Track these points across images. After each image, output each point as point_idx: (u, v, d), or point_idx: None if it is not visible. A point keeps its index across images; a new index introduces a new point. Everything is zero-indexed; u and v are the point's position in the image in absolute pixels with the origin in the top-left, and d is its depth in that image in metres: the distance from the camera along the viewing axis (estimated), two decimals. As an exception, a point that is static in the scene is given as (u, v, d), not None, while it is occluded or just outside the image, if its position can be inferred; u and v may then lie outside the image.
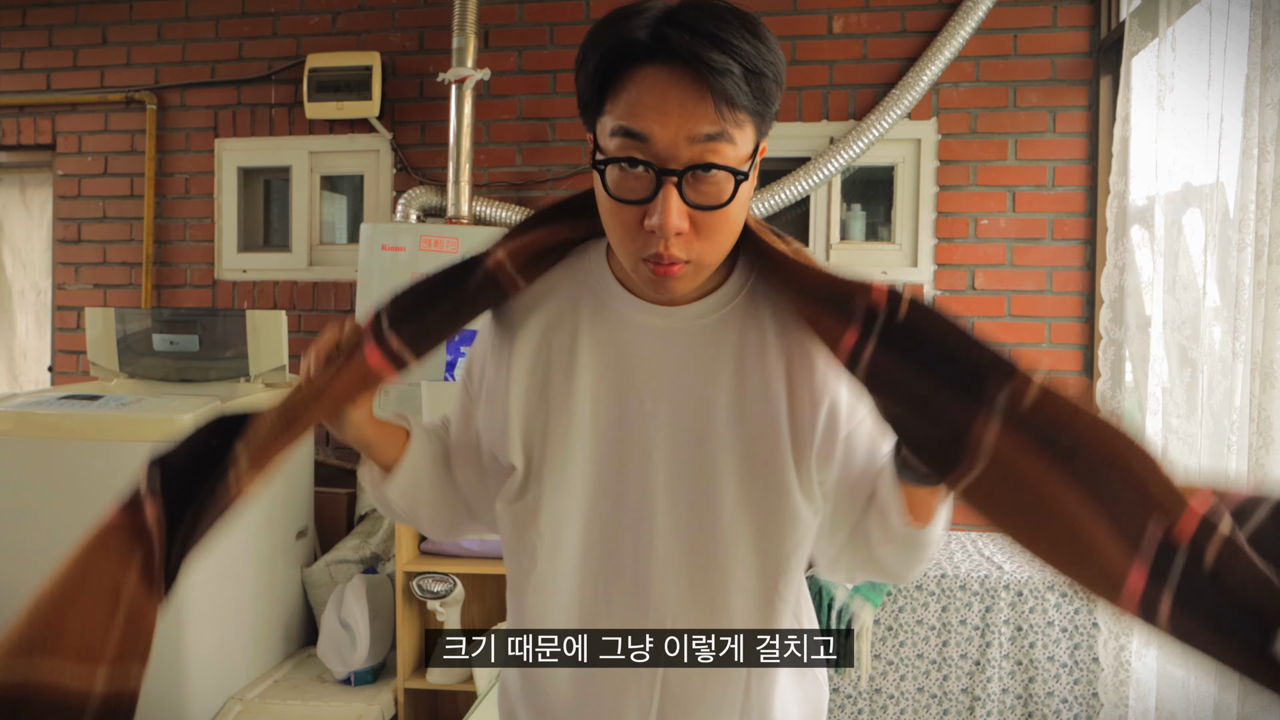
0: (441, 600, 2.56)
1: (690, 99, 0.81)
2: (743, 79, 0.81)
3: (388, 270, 3.05)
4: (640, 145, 0.82)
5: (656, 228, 0.83)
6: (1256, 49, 1.78)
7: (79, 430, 2.43)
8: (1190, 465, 2.11)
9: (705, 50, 0.79)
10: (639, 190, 0.84)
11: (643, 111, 0.82)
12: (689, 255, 0.86)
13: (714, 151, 0.83)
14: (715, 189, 0.84)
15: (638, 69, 0.82)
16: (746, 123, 0.84)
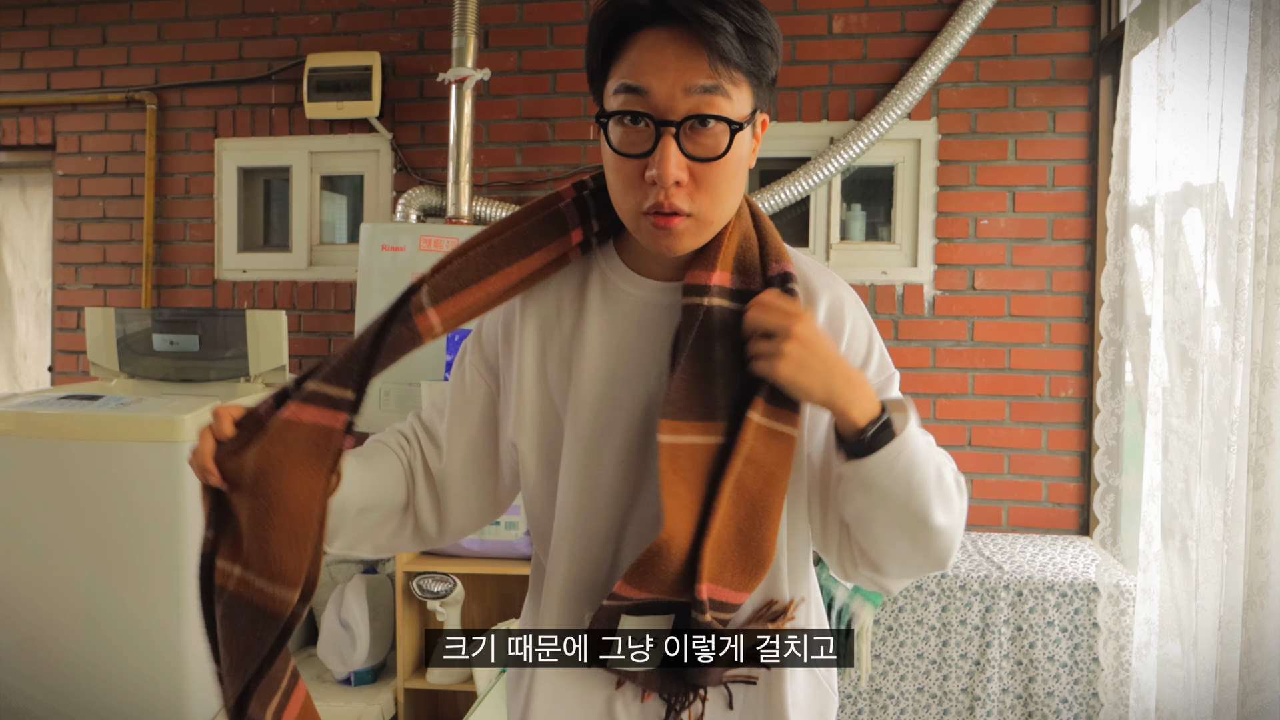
0: (441, 600, 2.56)
1: (687, 54, 0.86)
2: (736, 38, 0.86)
3: (388, 270, 3.05)
4: (640, 99, 0.88)
5: (656, 177, 0.87)
6: (1256, 49, 1.78)
7: (79, 430, 2.43)
8: (1191, 465, 2.11)
9: (700, 8, 0.85)
10: (640, 144, 0.89)
11: (643, 68, 0.87)
12: (690, 208, 0.90)
13: (710, 104, 0.87)
14: (713, 140, 0.89)
15: (639, 33, 0.88)
16: (742, 82, 0.89)
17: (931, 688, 2.49)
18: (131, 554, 2.42)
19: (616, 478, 0.98)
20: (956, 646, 2.48)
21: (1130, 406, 2.51)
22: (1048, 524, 3.01)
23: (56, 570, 2.45)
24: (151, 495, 2.41)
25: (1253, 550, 1.81)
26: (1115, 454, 2.51)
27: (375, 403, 3.06)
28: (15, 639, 2.49)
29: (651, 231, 0.91)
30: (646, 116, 0.88)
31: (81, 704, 2.46)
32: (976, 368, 3.05)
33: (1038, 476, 3.02)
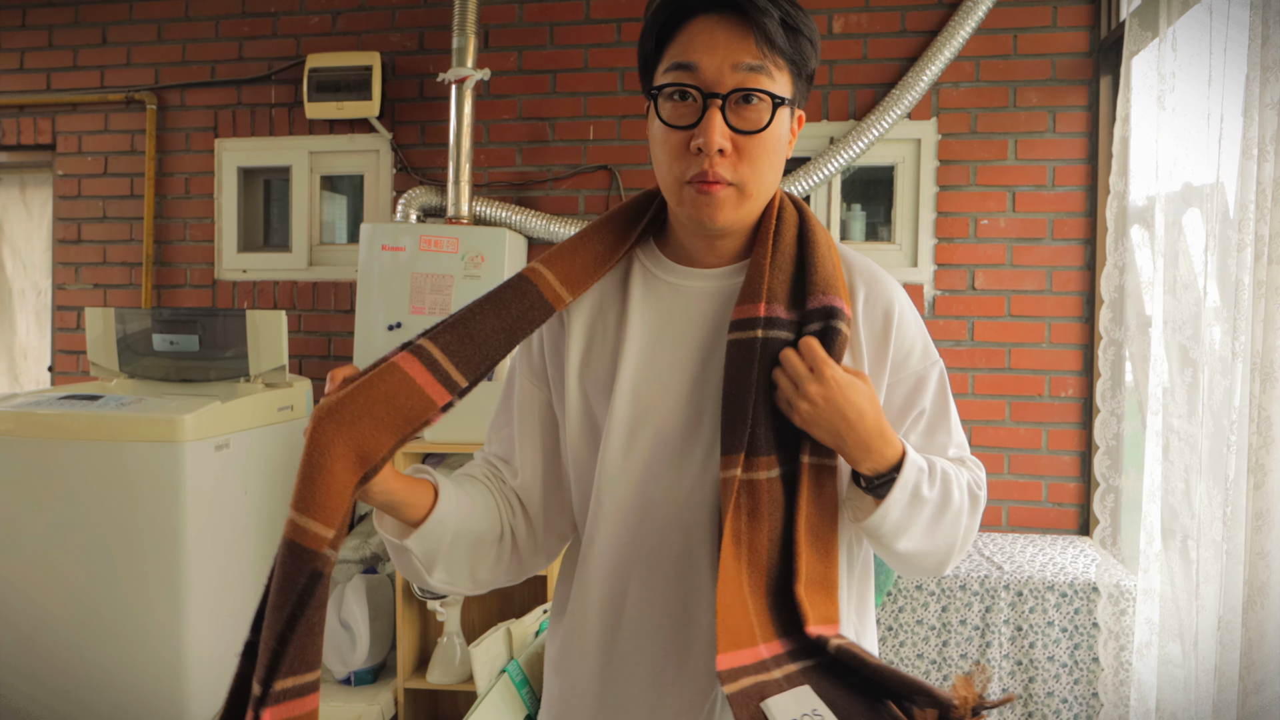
0: (441, 600, 2.56)
1: (736, 35, 0.95)
2: (780, 26, 0.95)
3: (388, 270, 3.05)
4: (690, 74, 0.96)
5: (702, 144, 0.94)
6: (1256, 49, 1.78)
7: (79, 430, 2.44)
8: (1191, 465, 2.11)
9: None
10: (688, 116, 0.96)
11: (694, 47, 0.96)
12: (732, 177, 0.96)
13: (755, 80, 0.95)
14: (755, 114, 0.96)
15: (692, 20, 0.97)
16: (785, 68, 0.97)
17: (931, 688, 2.49)
18: (131, 554, 2.42)
19: (656, 458, 1.01)
20: (956, 646, 2.48)
21: (1130, 406, 2.51)
22: (1048, 524, 3.01)
23: (56, 570, 2.45)
24: (151, 495, 2.41)
25: (1253, 550, 1.81)
26: (1115, 454, 2.51)
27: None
28: (15, 639, 2.49)
29: (694, 198, 0.97)
30: (695, 89, 0.95)
31: (81, 704, 2.46)
32: (976, 368, 3.05)
33: (1038, 476, 3.02)
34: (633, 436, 1.02)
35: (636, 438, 1.02)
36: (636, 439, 1.02)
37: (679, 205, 0.99)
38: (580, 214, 3.26)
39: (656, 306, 1.05)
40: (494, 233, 3.05)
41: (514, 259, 3.12)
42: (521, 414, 1.10)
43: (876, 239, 3.18)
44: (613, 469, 1.02)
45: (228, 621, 2.58)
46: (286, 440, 2.83)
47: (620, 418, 1.02)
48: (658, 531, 1.01)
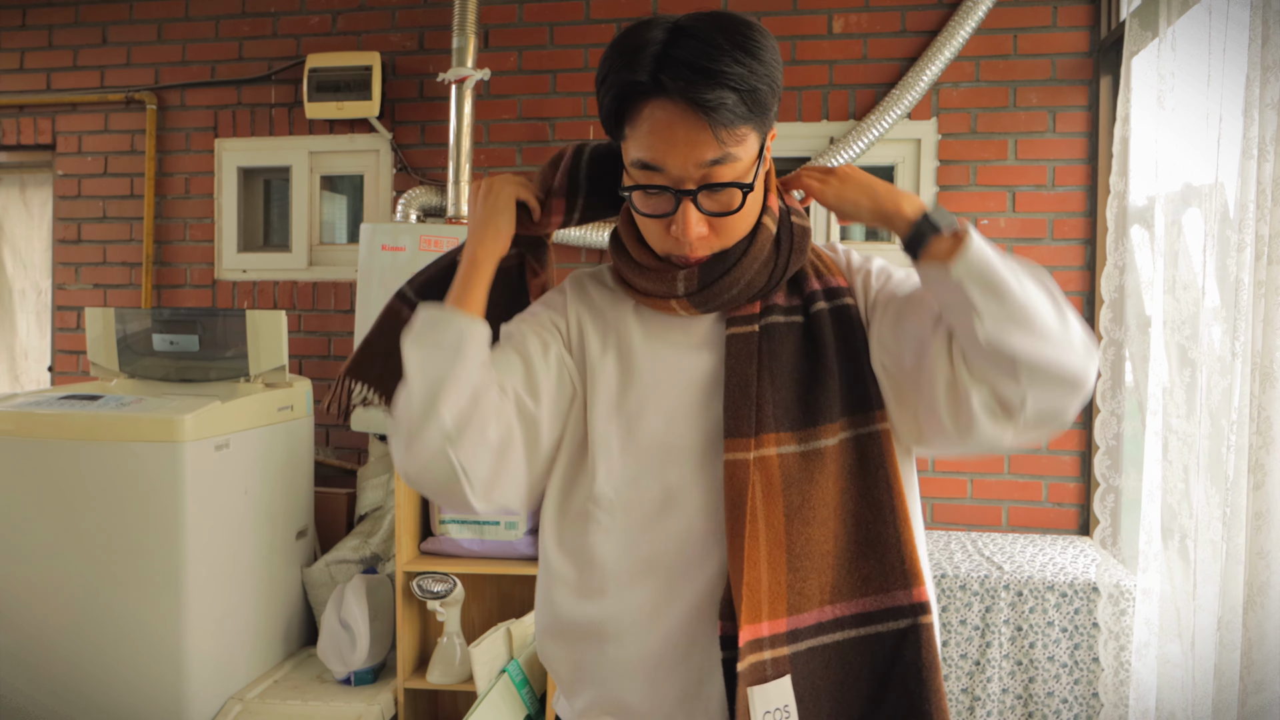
0: (441, 600, 2.56)
1: (693, 131, 0.93)
2: (739, 102, 0.92)
3: (388, 270, 3.05)
4: (658, 174, 0.97)
5: (679, 234, 0.98)
6: (1256, 49, 1.78)
7: (79, 430, 2.44)
8: (1190, 465, 2.11)
9: (699, 91, 0.91)
10: (662, 206, 0.99)
11: (655, 145, 0.95)
12: (711, 248, 1.01)
13: (718, 174, 0.96)
14: (727, 197, 0.98)
15: (645, 103, 0.95)
16: (749, 134, 0.96)
17: (931, 688, 2.49)
18: (131, 554, 2.42)
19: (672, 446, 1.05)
20: (956, 646, 2.48)
21: (1130, 406, 2.51)
22: (1048, 524, 3.01)
23: (56, 570, 2.45)
24: (151, 495, 2.41)
25: (1253, 550, 1.81)
26: (1115, 454, 2.51)
27: (375, 403, 3.06)
28: (15, 639, 2.49)
29: (680, 266, 1.03)
30: (664, 187, 0.97)
31: (81, 704, 2.46)
32: (976, 368, 3.04)
33: (1038, 476, 3.02)
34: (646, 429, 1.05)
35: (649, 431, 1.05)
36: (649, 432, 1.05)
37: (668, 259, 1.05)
38: (580, 214, 3.26)
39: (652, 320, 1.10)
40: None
41: (514, 259, 3.12)
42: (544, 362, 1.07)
43: (876, 239, 3.18)
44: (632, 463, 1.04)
45: (228, 622, 2.58)
46: (287, 440, 2.83)
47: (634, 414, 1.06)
48: (678, 519, 1.02)
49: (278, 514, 2.80)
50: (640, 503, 1.03)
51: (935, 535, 2.94)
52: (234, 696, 2.57)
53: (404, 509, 2.64)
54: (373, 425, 3.09)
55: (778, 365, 1.02)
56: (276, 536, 2.79)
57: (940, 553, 2.71)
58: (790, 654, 0.94)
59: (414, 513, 2.69)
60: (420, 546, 2.71)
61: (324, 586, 2.90)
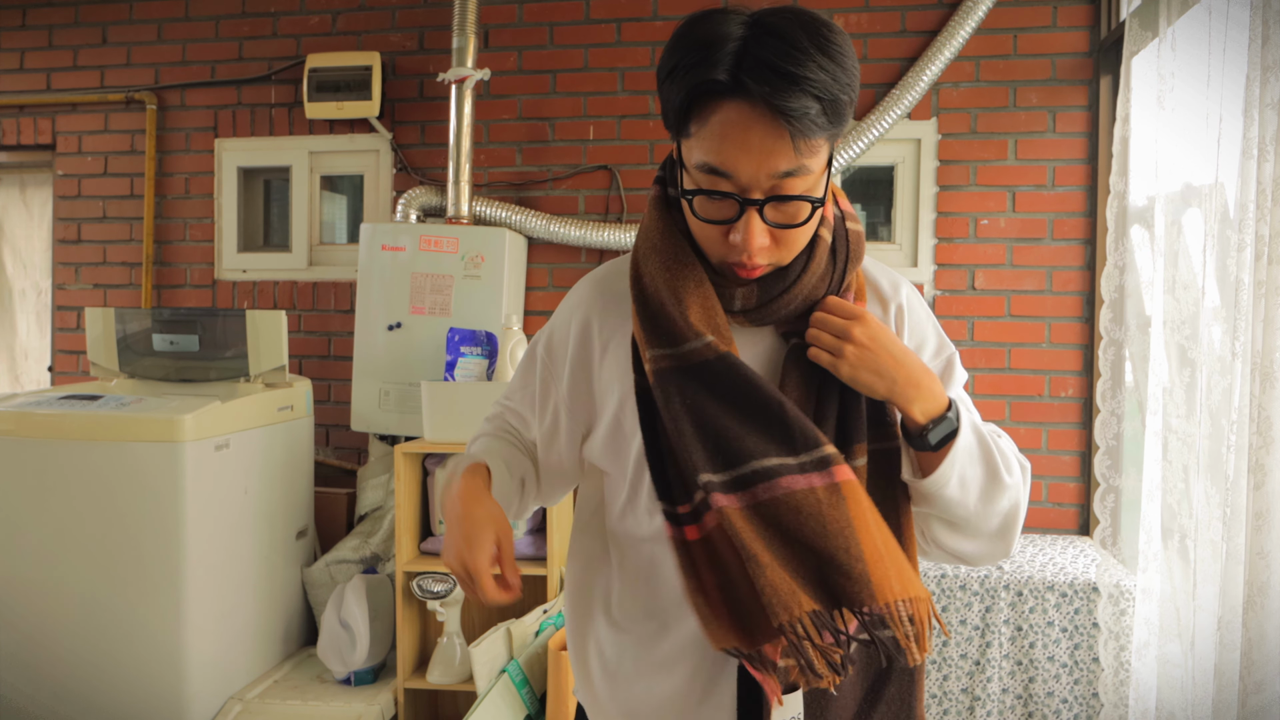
0: (441, 600, 2.56)
1: (770, 138, 0.87)
2: (820, 113, 0.86)
3: (388, 270, 3.05)
4: (725, 180, 0.90)
5: (740, 244, 0.92)
6: (1256, 49, 1.78)
7: (79, 430, 2.44)
8: (1190, 465, 2.11)
9: (783, 98, 0.85)
10: (724, 212, 0.92)
11: (726, 150, 0.88)
12: (770, 260, 0.95)
13: (791, 186, 0.90)
14: (794, 210, 0.92)
15: (720, 103, 0.88)
16: (823, 145, 0.91)
17: (931, 688, 2.49)
18: (131, 554, 2.42)
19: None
20: (956, 646, 2.48)
21: (1130, 406, 2.51)
22: (1048, 524, 3.01)
23: (56, 570, 2.45)
24: (151, 495, 2.41)
25: (1253, 550, 1.81)
26: (1115, 454, 2.51)
27: (375, 403, 3.06)
28: (16, 639, 2.49)
29: (734, 276, 0.98)
30: (730, 194, 0.91)
31: (81, 704, 2.46)
32: (976, 368, 3.05)
33: (1038, 476, 3.02)
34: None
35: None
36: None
37: (720, 271, 0.99)
38: (580, 214, 3.26)
39: None
40: (494, 233, 3.05)
41: (514, 259, 3.12)
42: (544, 389, 1.12)
43: (877, 239, 3.18)
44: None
45: (228, 622, 2.58)
46: (286, 440, 2.83)
47: None
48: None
49: (278, 514, 2.80)
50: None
51: (935, 535, 2.94)
52: (234, 696, 2.57)
53: (404, 509, 2.64)
54: (373, 425, 3.09)
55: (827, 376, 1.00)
56: (276, 536, 2.79)
57: (940, 553, 2.71)
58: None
59: (414, 513, 2.69)
60: (420, 546, 2.71)
61: (324, 586, 2.90)
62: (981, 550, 1.04)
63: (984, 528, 1.02)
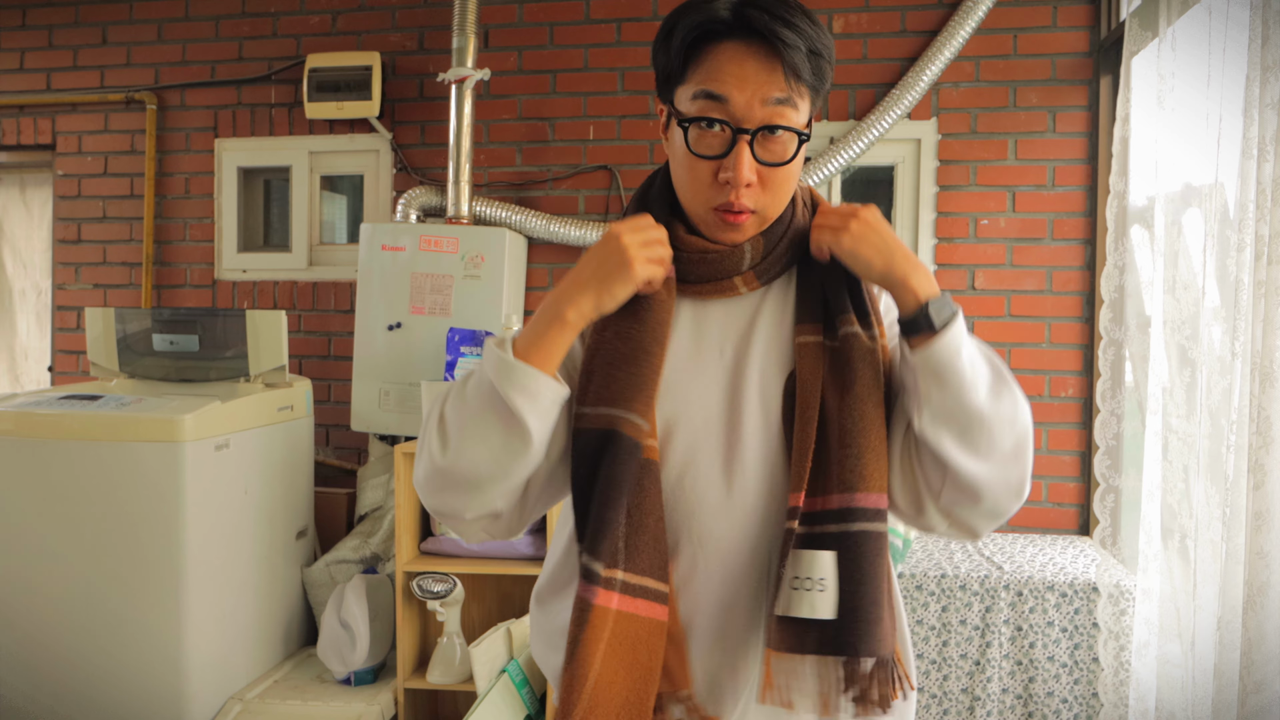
0: (441, 600, 2.56)
1: (765, 68, 0.96)
2: (806, 56, 0.97)
3: (388, 270, 3.05)
4: (719, 106, 0.97)
5: (731, 179, 0.98)
6: (1256, 49, 1.78)
7: (79, 430, 2.44)
8: (1190, 465, 2.11)
9: (779, 28, 0.95)
10: (716, 147, 0.99)
11: (724, 77, 0.97)
12: (755, 205, 1.01)
13: (781, 115, 0.98)
14: (781, 147, 0.99)
15: (720, 43, 0.97)
16: (806, 94, 1.00)
17: (931, 688, 2.49)
18: (131, 554, 2.42)
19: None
20: (956, 646, 2.48)
21: (1130, 406, 2.51)
22: (1048, 524, 3.01)
23: (56, 570, 2.45)
24: (151, 495, 2.41)
25: (1253, 550, 1.81)
26: (1115, 454, 2.51)
27: (375, 403, 3.06)
28: (15, 639, 2.49)
29: (720, 224, 1.02)
30: (723, 123, 0.97)
31: (81, 704, 2.46)
32: (976, 368, 3.04)
33: (1038, 476, 3.02)
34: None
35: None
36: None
37: (703, 224, 1.04)
38: (580, 214, 3.26)
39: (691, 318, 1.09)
40: (494, 233, 3.05)
41: (514, 259, 3.12)
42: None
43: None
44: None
45: (228, 622, 2.58)
46: (286, 440, 2.83)
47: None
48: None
49: (278, 514, 2.80)
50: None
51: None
52: (234, 696, 2.57)
53: (404, 509, 2.64)
54: (373, 425, 3.09)
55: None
56: (276, 536, 2.79)
57: (940, 553, 2.71)
58: (838, 532, 0.96)
59: (414, 513, 2.70)
60: (420, 546, 2.71)
61: (324, 586, 2.90)
62: (996, 477, 0.97)
63: (999, 439, 0.96)
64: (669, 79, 1.02)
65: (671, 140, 1.04)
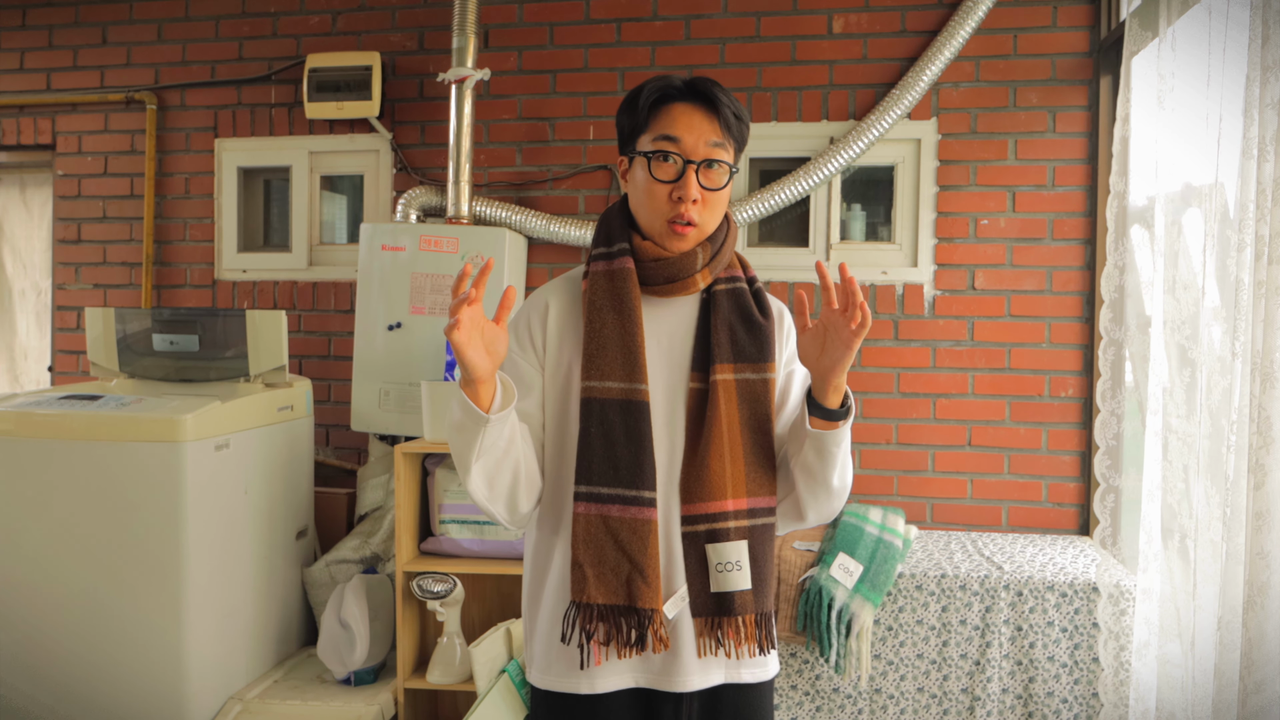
0: (441, 600, 2.56)
1: (706, 120, 1.37)
2: (732, 118, 1.38)
3: (388, 270, 3.05)
4: (674, 144, 1.35)
5: (683, 194, 1.34)
6: (1256, 49, 1.78)
7: (79, 430, 2.44)
8: (1190, 465, 2.11)
9: (717, 94, 1.37)
10: (671, 173, 1.36)
11: (678, 125, 1.36)
12: (698, 219, 1.36)
13: (718, 154, 1.37)
14: (717, 175, 1.38)
15: (675, 103, 1.37)
16: (731, 145, 1.39)
17: (931, 688, 2.49)
18: (132, 554, 2.42)
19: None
20: (956, 646, 2.48)
21: (1130, 406, 2.51)
22: (1048, 524, 3.01)
23: (56, 570, 2.45)
24: (151, 495, 2.41)
25: (1253, 550, 1.81)
26: (1115, 454, 2.51)
27: (375, 403, 3.06)
28: (15, 638, 2.49)
29: (671, 234, 1.37)
30: (678, 155, 1.35)
31: (81, 704, 2.46)
32: (976, 368, 3.05)
33: (1038, 476, 3.02)
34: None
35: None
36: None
37: (659, 236, 1.38)
38: (580, 214, 3.26)
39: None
40: (494, 233, 3.05)
41: (514, 259, 3.12)
42: (531, 385, 1.42)
43: (876, 239, 3.18)
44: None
45: (228, 622, 2.58)
46: (286, 440, 2.83)
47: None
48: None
49: (278, 514, 2.80)
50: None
51: (935, 535, 2.94)
52: (234, 696, 2.57)
53: (404, 509, 2.64)
54: (373, 425, 3.09)
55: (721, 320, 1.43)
56: (276, 536, 2.79)
57: (940, 552, 2.71)
58: (750, 526, 1.37)
59: (414, 513, 2.70)
60: (420, 546, 2.71)
61: (324, 586, 2.90)
62: (822, 513, 1.41)
63: (835, 500, 1.40)
64: (633, 132, 1.39)
65: (633, 177, 1.40)
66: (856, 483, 3.09)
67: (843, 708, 2.51)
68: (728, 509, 1.34)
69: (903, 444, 3.10)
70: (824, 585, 2.44)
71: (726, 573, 1.33)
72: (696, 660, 1.36)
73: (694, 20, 3.20)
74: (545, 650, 1.40)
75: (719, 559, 1.32)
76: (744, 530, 1.35)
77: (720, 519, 1.34)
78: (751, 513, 1.36)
